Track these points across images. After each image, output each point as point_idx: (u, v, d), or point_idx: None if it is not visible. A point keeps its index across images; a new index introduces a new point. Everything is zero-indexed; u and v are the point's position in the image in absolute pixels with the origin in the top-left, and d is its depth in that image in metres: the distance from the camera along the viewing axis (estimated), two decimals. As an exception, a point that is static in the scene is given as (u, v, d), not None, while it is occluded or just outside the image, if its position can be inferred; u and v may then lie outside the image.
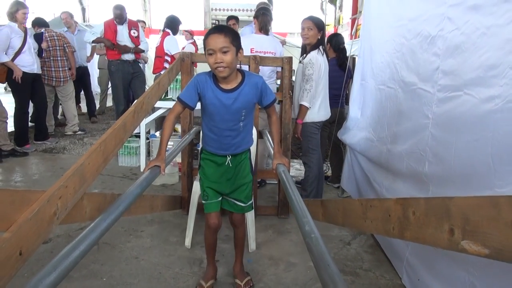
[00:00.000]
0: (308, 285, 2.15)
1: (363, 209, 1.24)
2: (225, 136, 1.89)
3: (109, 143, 1.54)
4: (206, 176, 1.99)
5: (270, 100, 1.89)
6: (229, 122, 1.85)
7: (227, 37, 1.68)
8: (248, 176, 2.02)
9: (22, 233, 0.99)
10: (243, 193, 2.01)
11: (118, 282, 2.11)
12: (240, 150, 1.97)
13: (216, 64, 1.69)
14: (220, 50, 1.67)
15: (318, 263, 0.94)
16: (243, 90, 1.80)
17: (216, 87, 1.80)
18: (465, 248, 0.71)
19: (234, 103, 1.80)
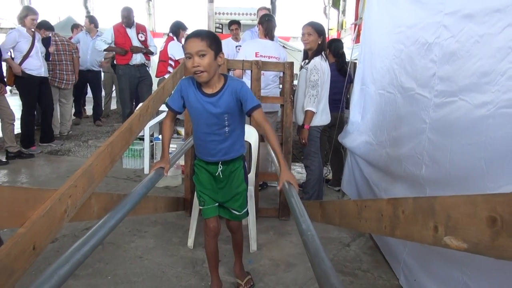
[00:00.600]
0: (307, 285, 2.20)
1: (358, 209, 1.30)
2: (210, 141, 1.87)
3: (116, 145, 1.61)
4: (200, 182, 1.99)
5: (250, 106, 1.78)
6: (213, 126, 1.83)
7: (204, 41, 1.67)
8: (241, 185, 2.00)
9: (36, 229, 1.05)
10: (237, 202, 2.00)
11: (123, 281, 2.17)
12: (229, 157, 1.93)
13: (193, 68, 1.68)
14: (196, 54, 1.66)
15: (313, 259, 1.00)
16: (223, 95, 1.78)
17: (199, 91, 1.80)
18: (447, 243, 0.77)
19: (214, 108, 1.78)
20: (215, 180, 1.98)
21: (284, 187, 1.64)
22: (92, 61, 6.50)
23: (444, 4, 1.90)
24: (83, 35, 6.47)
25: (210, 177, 1.97)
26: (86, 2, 15.44)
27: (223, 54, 1.77)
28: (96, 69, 6.66)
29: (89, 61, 6.44)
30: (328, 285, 0.88)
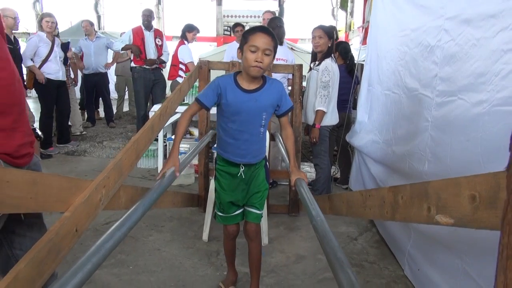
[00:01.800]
0: (316, 275, 2.33)
1: (363, 198, 1.43)
2: (244, 141, 1.84)
3: (141, 142, 1.75)
4: (221, 187, 1.97)
5: (288, 107, 1.86)
6: (250, 125, 1.82)
7: (273, 41, 1.70)
8: (263, 184, 1.98)
9: (77, 214, 1.19)
10: (258, 200, 1.97)
11: (143, 270, 2.32)
12: (255, 161, 1.92)
13: (256, 62, 1.67)
14: (264, 51, 1.67)
15: (322, 239, 1.13)
16: (264, 92, 1.79)
17: (238, 88, 1.79)
18: (438, 221, 0.89)
19: (255, 104, 1.78)
20: (237, 183, 1.95)
21: (296, 183, 1.76)
22: (98, 64, 6.60)
23: (445, 9, 2.02)
24: (83, 41, 6.54)
25: (232, 180, 1.95)
26: (96, 6, 15.72)
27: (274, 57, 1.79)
28: (103, 71, 6.74)
29: (94, 63, 6.53)
30: (336, 260, 1.01)
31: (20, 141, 1.07)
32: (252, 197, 1.97)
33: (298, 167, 2.01)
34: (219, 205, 2.00)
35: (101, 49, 6.51)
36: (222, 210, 2.00)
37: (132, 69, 5.55)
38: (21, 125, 1.08)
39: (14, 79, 1.05)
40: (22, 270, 0.94)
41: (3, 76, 1.00)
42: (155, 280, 2.23)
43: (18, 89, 1.06)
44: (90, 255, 0.97)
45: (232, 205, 1.99)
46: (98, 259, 0.99)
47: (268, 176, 2.03)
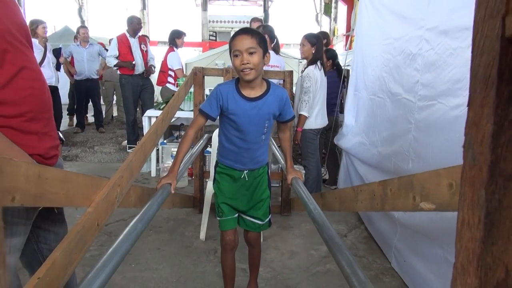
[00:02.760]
0: (310, 269, 2.48)
1: (355, 193, 1.58)
2: (246, 149, 1.81)
3: (147, 145, 1.87)
4: (221, 191, 1.91)
5: (290, 115, 1.84)
6: (252, 133, 1.78)
7: (254, 38, 1.62)
8: (265, 192, 1.95)
9: (99, 209, 1.31)
10: (261, 210, 1.93)
11: (146, 268, 2.43)
12: (258, 166, 1.89)
13: (242, 65, 1.61)
14: (246, 51, 1.60)
15: (321, 229, 1.27)
16: (267, 99, 1.73)
17: (240, 96, 1.73)
18: (422, 207, 1.05)
19: (258, 113, 1.73)
20: (238, 187, 1.90)
21: (293, 182, 1.90)
22: (90, 70, 6.69)
23: (425, 20, 2.20)
24: (75, 47, 6.60)
25: (233, 183, 1.90)
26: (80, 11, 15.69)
27: (269, 53, 1.71)
28: (95, 77, 6.83)
29: (87, 69, 6.61)
30: (334, 244, 1.16)
31: (50, 144, 1.18)
32: (255, 207, 1.93)
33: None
34: (218, 209, 1.93)
35: (94, 56, 6.58)
36: (221, 214, 1.92)
37: (120, 76, 5.60)
38: (50, 130, 1.19)
39: (45, 88, 1.16)
40: (58, 258, 1.06)
41: (37, 86, 1.11)
42: (158, 276, 2.34)
43: (48, 97, 1.18)
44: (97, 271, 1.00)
45: (231, 208, 1.92)
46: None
47: (270, 183, 1.99)
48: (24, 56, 1.06)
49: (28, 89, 1.06)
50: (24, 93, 1.05)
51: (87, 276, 0.94)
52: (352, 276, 0.96)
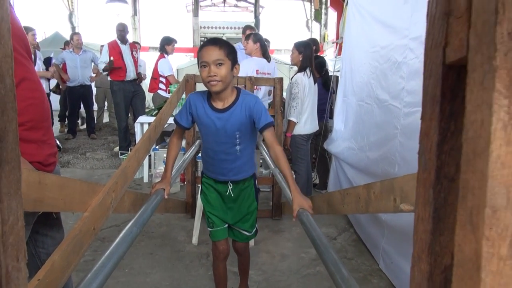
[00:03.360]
0: (300, 272, 2.54)
1: (342, 197, 1.64)
2: (221, 160, 1.79)
3: (141, 151, 1.92)
4: (208, 202, 1.91)
5: (264, 122, 1.69)
6: (223, 144, 1.75)
7: (222, 50, 1.59)
8: (252, 204, 1.93)
9: (94, 214, 1.36)
10: (248, 223, 1.92)
11: (139, 272, 2.47)
12: (240, 177, 1.85)
13: (209, 77, 1.59)
14: (214, 63, 1.57)
15: (308, 229, 1.33)
16: (235, 110, 1.69)
17: (209, 106, 1.71)
18: (402, 209, 1.11)
19: (225, 124, 1.69)
20: (224, 200, 1.90)
21: (299, 215, 1.52)
22: (84, 76, 6.71)
23: (409, 30, 2.29)
24: (68, 53, 6.61)
25: (219, 196, 1.89)
26: (71, 17, 15.65)
27: (238, 65, 1.69)
28: (88, 83, 6.86)
29: (80, 76, 6.64)
30: (321, 245, 1.22)
31: (48, 151, 1.23)
32: (242, 220, 1.92)
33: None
34: (208, 219, 1.92)
35: (87, 62, 6.61)
36: (212, 224, 1.91)
37: (111, 82, 5.61)
38: (49, 138, 1.24)
39: (44, 98, 1.21)
40: (56, 260, 1.11)
41: (36, 95, 1.17)
42: (151, 280, 2.38)
43: (46, 107, 1.23)
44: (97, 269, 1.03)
45: (220, 218, 1.92)
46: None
47: (257, 195, 1.97)
48: (24, 68, 1.11)
49: (28, 99, 1.12)
50: (25, 103, 1.10)
51: (86, 277, 0.99)
52: (336, 274, 1.02)
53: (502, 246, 0.29)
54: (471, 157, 0.31)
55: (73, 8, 15.77)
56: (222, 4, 17.75)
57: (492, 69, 0.28)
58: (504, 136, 0.28)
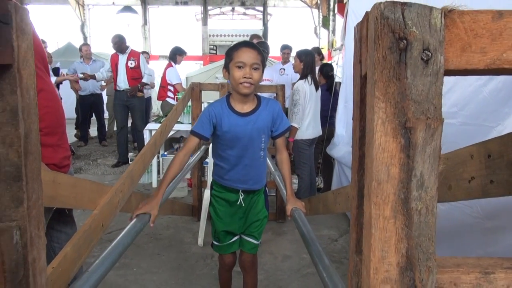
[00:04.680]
0: (301, 271, 2.63)
1: (334, 196, 1.75)
2: (244, 166, 1.75)
3: (146, 156, 2.05)
4: (218, 216, 1.88)
5: (285, 127, 1.77)
6: (250, 149, 1.73)
7: (260, 55, 1.63)
8: (262, 212, 1.90)
9: (103, 212, 1.49)
10: (256, 229, 1.90)
11: (146, 271, 2.59)
12: (257, 187, 1.84)
13: (244, 78, 1.58)
14: (251, 66, 1.59)
15: (299, 224, 1.44)
16: (261, 113, 1.71)
17: (232, 112, 1.70)
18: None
19: (253, 128, 1.69)
20: (234, 210, 1.86)
21: (292, 213, 1.67)
22: (95, 85, 6.90)
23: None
24: (79, 64, 6.79)
25: (229, 207, 1.86)
26: (83, 28, 16.00)
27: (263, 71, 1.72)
28: (99, 92, 7.04)
29: (90, 85, 6.82)
30: (311, 241, 1.32)
31: (63, 155, 1.37)
32: (251, 226, 1.88)
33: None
34: (214, 233, 1.91)
35: (97, 71, 6.81)
36: (218, 239, 1.90)
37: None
38: (63, 142, 1.37)
39: (59, 106, 1.35)
40: (69, 252, 1.23)
41: (52, 105, 1.30)
42: (158, 279, 2.50)
43: (61, 114, 1.37)
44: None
45: (228, 233, 1.88)
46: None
47: (267, 203, 1.95)
48: (42, 80, 1.25)
49: (45, 108, 1.25)
50: (42, 111, 1.23)
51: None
52: (319, 263, 1.12)
53: (385, 209, 0.41)
54: (368, 146, 0.42)
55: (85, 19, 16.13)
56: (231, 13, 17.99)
57: (374, 81, 0.40)
58: (383, 129, 0.40)
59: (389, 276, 0.41)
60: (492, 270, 0.45)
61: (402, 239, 0.41)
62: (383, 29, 0.40)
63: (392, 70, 0.40)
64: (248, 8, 16.05)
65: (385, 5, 0.40)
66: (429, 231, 0.41)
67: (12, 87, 0.46)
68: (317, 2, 14.38)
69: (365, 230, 0.43)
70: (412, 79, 0.40)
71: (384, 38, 0.39)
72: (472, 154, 0.79)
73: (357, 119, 0.49)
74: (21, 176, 0.47)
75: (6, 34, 0.44)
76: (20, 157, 0.47)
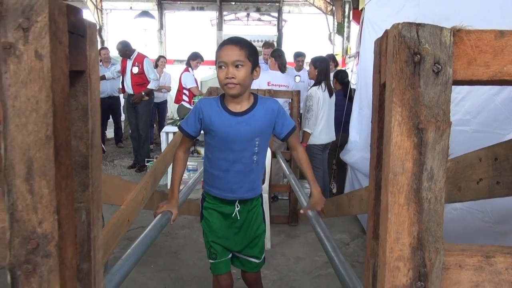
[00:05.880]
0: (313, 273, 2.69)
1: (348, 199, 1.81)
2: (235, 172, 1.58)
3: (168, 155, 2.15)
4: (211, 229, 1.69)
5: (290, 127, 1.61)
6: (241, 152, 1.57)
7: (243, 50, 1.46)
8: (260, 227, 1.74)
9: (129, 208, 1.58)
10: (256, 248, 1.72)
11: (163, 268, 2.68)
12: (251, 195, 1.67)
13: (226, 79, 1.45)
14: (232, 64, 1.44)
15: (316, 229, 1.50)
16: (255, 113, 1.55)
17: (224, 110, 1.54)
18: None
19: (245, 129, 1.53)
20: (229, 224, 1.69)
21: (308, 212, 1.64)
22: (113, 88, 7.07)
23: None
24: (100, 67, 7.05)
25: (223, 221, 1.69)
26: (101, 32, 16.33)
27: (259, 67, 1.57)
28: (116, 94, 7.20)
29: (109, 88, 7.00)
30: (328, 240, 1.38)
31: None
32: (250, 245, 1.72)
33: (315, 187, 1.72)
34: (209, 249, 1.72)
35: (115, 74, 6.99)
36: (214, 255, 1.71)
37: None
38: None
39: None
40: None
41: None
42: (174, 275, 2.58)
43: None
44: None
45: (224, 248, 1.72)
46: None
47: (264, 215, 1.80)
48: None
49: None
50: None
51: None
52: (335, 258, 1.19)
53: (400, 197, 0.48)
54: (386, 144, 0.50)
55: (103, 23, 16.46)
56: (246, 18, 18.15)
57: (392, 89, 0.47)
58: (399, 129, 0.47)
59: (403, 254, 0.48)
60: (493, 254, 0.52)
61: (414, 223, 0.48)
62: (401, 45, 0.47)
63: (408, 80, 0.47)
64: (263, 14, 16.18)
65: (402, 25, 0.47)
66: (437, 217, 0.48)
67: (84, 89, 0.54)
68: (332, 9, 14.45)
69: (382, 216, 0.50)
70: (424, 88, 0.48)
71: (401, 53, 0.47)
72: (481, 158, 0.85)
73: (376, 122, 0.57)
74: (88, 165, 0.56)
75: (82, 45, 0.53)
76: (88, 149, 0.55)
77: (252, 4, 15.30)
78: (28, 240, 0.48)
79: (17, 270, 0.48)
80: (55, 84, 0.45)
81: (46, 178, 0.46)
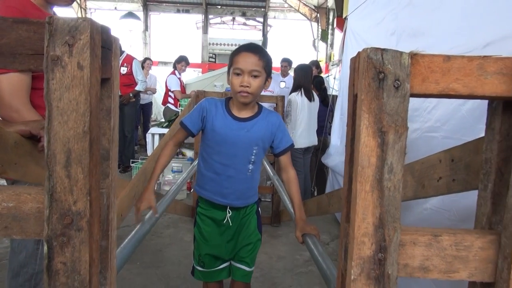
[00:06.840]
0: (294, 270, 2.81)
1: (328, 198, 1.94)
2: (227, 176, 1.58)
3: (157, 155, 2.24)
4: (203, 237, 1.67)
5: (287, 144, 1.60)
6: (236, 158, 1.56)
7: (261, 60, 1.46)
8: (254, 234, 1.70)
9: (122, 203, 1.67)
10: (248, 254, 1.68)
11: (149, 265, 2.75)
12: (241, 204, 1.64)
13: (241, 87, 1.45)
14: (249, 73, 1.44)
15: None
16: (258, 122, 1.55)
17: (228, 114, 1.55)
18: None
19: (246, 135, 1.54)
20: (221, 231, 1.66)
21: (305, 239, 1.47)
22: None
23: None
24: None
25: (216, 228, 1.66)
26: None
27: (271, 78, 1.57)
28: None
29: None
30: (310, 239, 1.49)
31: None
32: (242, 250, 1.67)
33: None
34: (198, 257, 1.69)
35: None
36: (202, 264, 1.68)
37: None
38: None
39: None
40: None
41: None
42: (160, 272, 2.66)
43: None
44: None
45: (215, 258, 1.68)
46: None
47: (260, 224, 1.76)
48: None
49: None
50: None
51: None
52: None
53: (366, 185, 0.60)
54: (356, 143, 0.62)
55: (88, 23, 16.29)
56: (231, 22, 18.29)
57: (362, 99, 0.60)
58: (367, 132, 0.59)
59: (367, 231, 0.60)
60: (440, 234, 0.65)
61: (376, 207, 0.60)
62: (369, 65, 0.60)
63: (374, 92, 0.60)
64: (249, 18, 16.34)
65: (370, 50, 0.59)
66: (395, 202, 0.60)
67: (109, 93, 0.65)
68: (317, 16, 14.72)
69: (352, 201, 0.62)
70: (387, 99, 0.60)
71: (369, 71, 0.59)
72: (440, 159, 0.99)
73: (350, 125, 0.69)
74: (109, 157, 0.67)
75: (109, 57, 0.63)
76: (110, 143, 0.66)
77: (238, 8, 15.44)
78: (64, 216, 0.58)
79: (53, 241, 0.58)
80: (91, 89, 0.56)
81: (82, 165, 0.57)
